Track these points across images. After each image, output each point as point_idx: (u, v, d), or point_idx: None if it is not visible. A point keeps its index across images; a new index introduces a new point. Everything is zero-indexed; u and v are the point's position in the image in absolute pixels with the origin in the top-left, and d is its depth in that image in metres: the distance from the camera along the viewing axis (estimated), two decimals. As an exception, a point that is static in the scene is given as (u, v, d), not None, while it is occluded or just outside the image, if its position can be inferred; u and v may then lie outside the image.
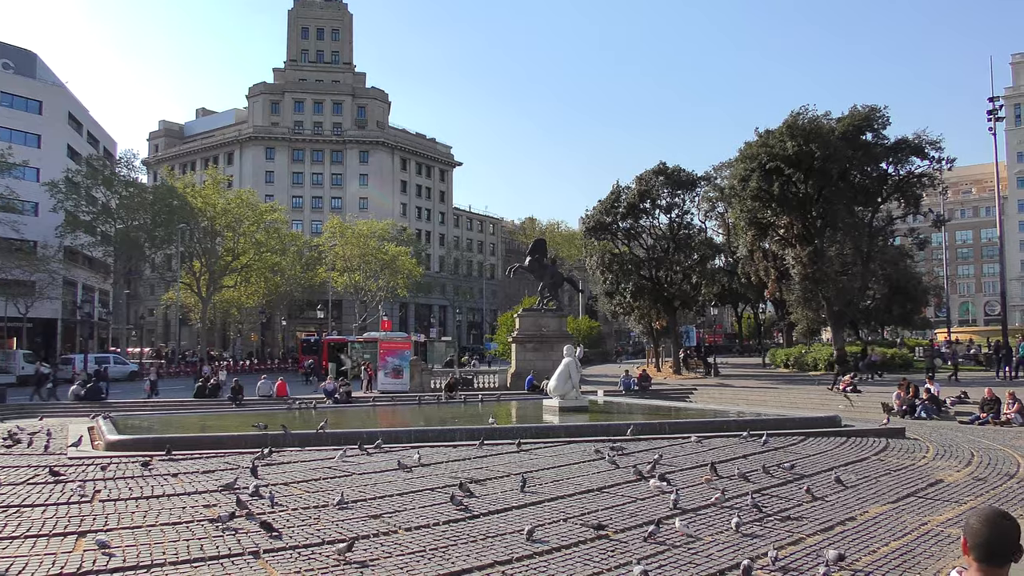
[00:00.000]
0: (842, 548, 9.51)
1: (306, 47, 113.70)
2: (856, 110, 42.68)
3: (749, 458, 16.46)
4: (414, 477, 14.38)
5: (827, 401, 30.90)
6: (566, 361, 27.36)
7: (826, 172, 40.51)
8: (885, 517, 11.41)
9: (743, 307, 77.49)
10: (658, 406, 30.07)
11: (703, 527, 10.66)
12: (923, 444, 19.05)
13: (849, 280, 42.77)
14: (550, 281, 44.17)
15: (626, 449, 17.41)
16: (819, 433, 20.33)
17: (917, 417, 25.77)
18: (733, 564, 8.94)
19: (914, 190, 43.55)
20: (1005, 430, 22.73)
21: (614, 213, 47.84)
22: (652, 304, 48.23)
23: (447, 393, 34.77)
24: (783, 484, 13.75)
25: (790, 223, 43.38)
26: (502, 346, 61.28)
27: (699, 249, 48.38)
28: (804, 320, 48.16)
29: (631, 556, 9.22)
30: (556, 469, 15.25)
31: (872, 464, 16.12)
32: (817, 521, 11.09)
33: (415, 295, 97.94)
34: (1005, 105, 72.88)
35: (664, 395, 36.48)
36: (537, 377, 35.79)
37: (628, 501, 12.24)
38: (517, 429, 21.18)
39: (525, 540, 9.82)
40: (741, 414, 24.70)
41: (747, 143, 43.68)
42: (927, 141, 42.35)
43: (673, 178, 47.38)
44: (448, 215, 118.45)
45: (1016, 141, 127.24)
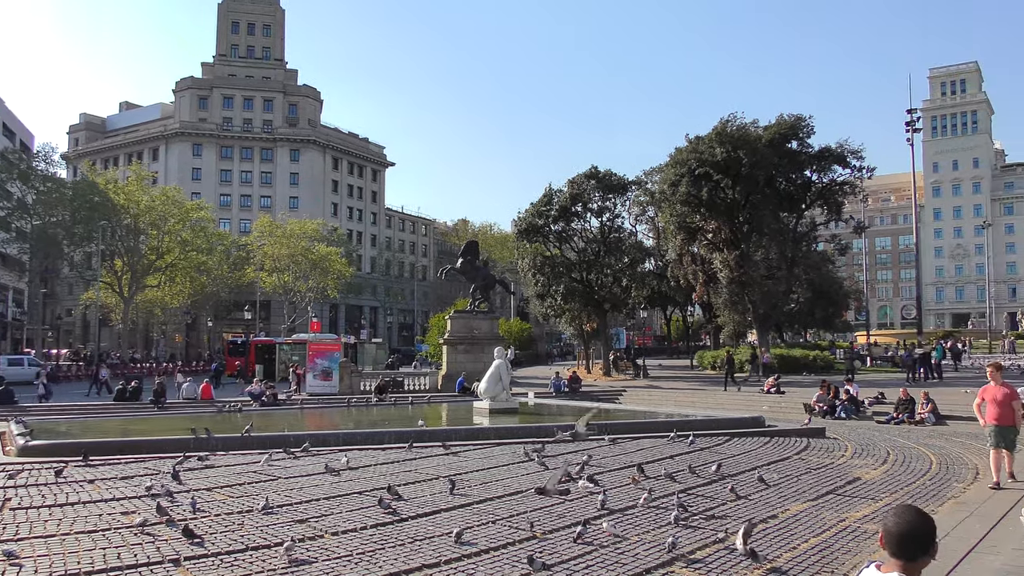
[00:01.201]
0: (760, 545, 9.72)
1: (236, 42, 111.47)
2: (783, 119, 43.90)
3: (676, 458, 16.70)
4: (342, 481, 14.18)
5: (752, 402, 31.56)
6: (497, 363, 27.38)
7: (753, 178, 41.51)
8: (805, 514, 11.70)
9: (672, 310, 78.83)
10: (588, 407, 30.26)
11: (630, 527, 10.76)
12: (842, 443, 19.61)
13: (774, 284, 43.91)
14: (482, 283, 44.16)
15: (548, 451, 17.47)
16: (744, 433, 20.74)
17: (837, 417, 26.51)
18: (659, 563, 9.06)
19: (836, 197, 44.98)
20: (919, 429, 23.55)
21: (546, 216, 48.09)
22: (583, 306, 48.63)
23: (377, 395, 34.43)
24: (708, 484, 13.98)
25: (718, 228, 44.30)
26: (433, 348, 60.97)
27: (629, 252, 48.97)
28: (731, 323, 49.25)
29: (559, 557, 9.25)
30: (486, 471, 15.22)
31: (794, 463, 16.52)
32: (741, 519, 11.28)
33: (346, 296, 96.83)
34: (922, 117, 76.06)
35: (594, 397, 36.76)
36: (468, 379, 35.71)
37: (557, 502, 12.29)
38: (447, 431, 21.10)
39: (454, 543, 9.76)
40: (669, 415, 25.05)
41: (677, 149, 44.52)
42: (849, 150, 43.82)
43: (605, 182, 47.88)
44: (380, 216, 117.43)
45: (932, 152, 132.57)
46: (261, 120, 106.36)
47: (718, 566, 8.98)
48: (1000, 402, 12.97)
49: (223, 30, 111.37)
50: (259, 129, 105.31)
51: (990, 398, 13.14)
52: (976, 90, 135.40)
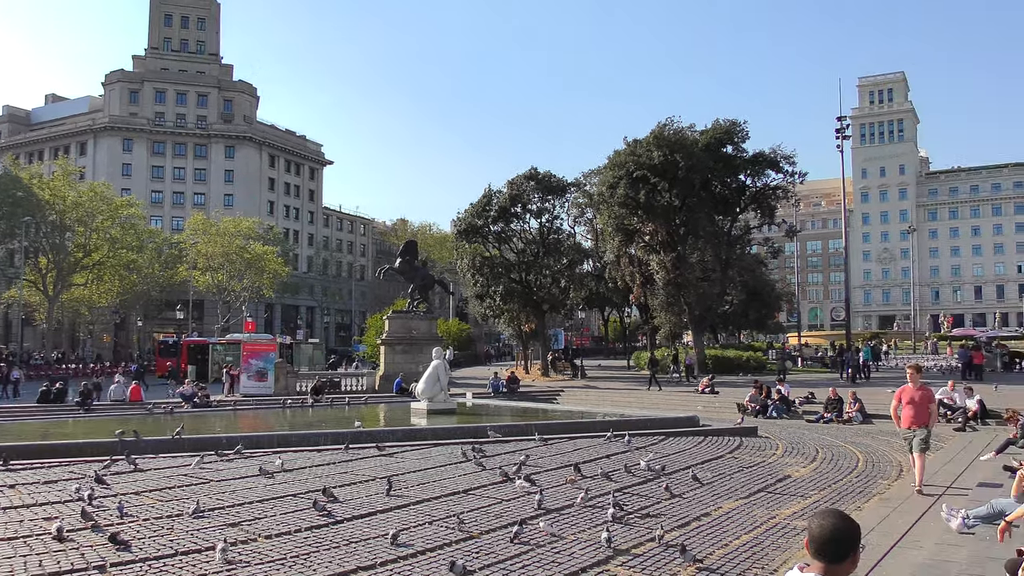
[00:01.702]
0: (693, 542, 9.88)
1: (169, 35, 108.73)
2: (718, 123, 44.66)
3: (612, 458, 16.87)
4: (276, 483, 13.97)
5: (687, 402, 32.04)
6: (435, 363, 27.29)
7: (689, 182, 42.13)
8: (737, 512, 11.93)
9: (610, 311, 79.54)
10: (526, 408, 30.40)
11: (567, 526, 10.83)
12: (774, 442, 20.05)
13: (709, 286, 44.66)
14: (421, 283, 43.95)
15: (486, 451, 17.48)
16: (679, 433, 21.06)
17: (769, 416, 27.09)
18: (595, 561, 9.13)
19: (769, 201, 45.92)
20: (847, 428, 24.23)
21: (486, 216, 48.08)
22: (522, 307, 48.74)
23: (313, 396, 33.98)
24: (644, 483, 14.16)
25: (655, 230, 44.83)
26: (371, 348, 60.42)
27: (568, 254, 49.24)
28: (667, 324, 49.89)
29: (496, 557, 9.26)
30: (423, 472, 15.16)
31: (727, 462, 16.83)
32: (675, 517, 11.47)
33: (282, 296, 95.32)
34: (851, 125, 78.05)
35: (532, 397, 36.89)
36: (406, 380, 35.50)
37: (494, 502, 12.30)
38: (384, 432, 20.94)
39: (390, 544, 9.70)
40: (606, 415, 25.28)
41: (616, 151, 44.90)
42: (782, 155, 44.79)
43: (544, 183, 48.07)
44: (318, 214, 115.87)
45: (861, 159, 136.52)
46: (195, 116, 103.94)
47: (652, 564, 9.09)
48: (917, 403, 12.75)
49: (155, 23, 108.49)
50: (193, 125, 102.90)
51: (907, 399, 12.87)
52: (903, 99, 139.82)
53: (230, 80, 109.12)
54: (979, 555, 8.34)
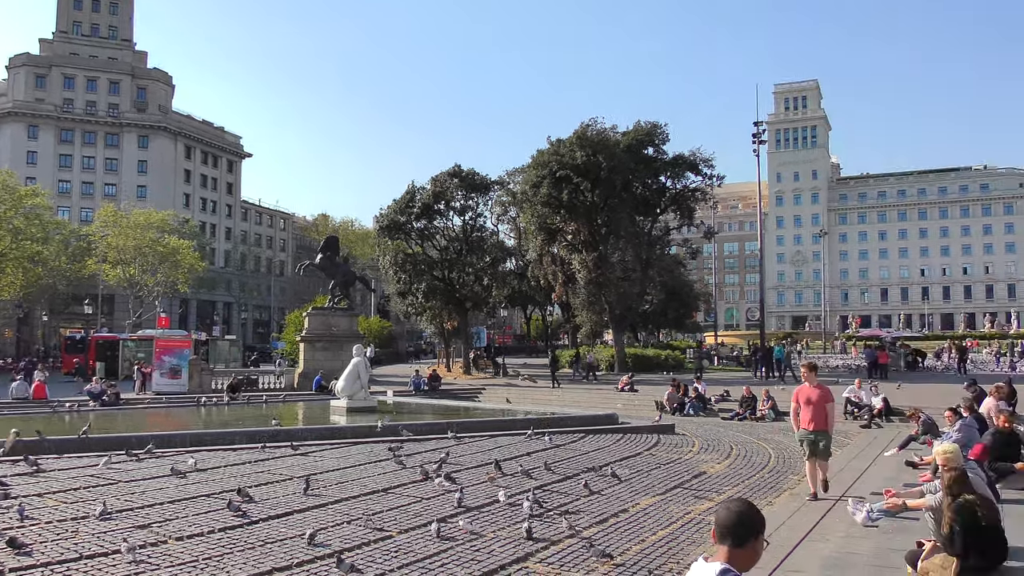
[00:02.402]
0: (611, 539, 9.99)
1: (79, 19, 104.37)
2: (640, 125, 45.33)
3: (533, 455, 16.95)
4: (188, 483, 13.58)
5: (607, 400, 32.43)
6: (355, 361, 26.98)
7: (611, 182, 42.66)
8: (654, 508, 12.12)
9: (532, 309, 79.94)
10: (447, 406, 30.31)
11: (487, 524, 10.83)
12: (690, 439, 20.47)
13: (630, 285, 45.35)
14: (342, 279, 43.38)
15: (406, 449, 17.36)
16: (598, 430, 21.31)
17: (686, 414, 27.63)
18: (515, 559, 9.15)
19: (689, 203, 46.89)
20: (760, 425, 24.89)
21: (409, 213, 47.74)
22: (444, 304, 48.58)
23: (229, 394, 33.17)
24: (563, 480, 14.26)
25: (577, 229, 45.26)
26: (290, 345, 59.29)
27: (491, 252, 49.27)
28: (588, 322, 50.44)
29: (414, 556, 9.19)
30: (342, 471, 14.96)
31: (645, 459, 17.11)
32: (593, 514, 11.58)
33: (197, 291, 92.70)
34: (767, 130, 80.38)
35: (454, 395, 36.81)
36: (326, 377, 34.97)
37: (414, 501, 12.22)
38: (302, 431, 20.60)
39: (307, 544, 9.53)
40: (527, 413, 25.40)
41: (539, 151, 45.14)
42: (701, 158, 45.79)
43: (467, 181, 47.99)
44: (236, 208, 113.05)
45: (776, 163, 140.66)
46: (106, 103, 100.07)
47: (571, 560, 9.16)
48: (815, 404, 11.86)
49: (64, 5, 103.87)
50: (104, 113, 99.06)
51: (803, 400, 12.01)
52: (816, 107, 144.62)
53: (144, 67, 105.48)
54: (882, 547, 8.67)
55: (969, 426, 12.45)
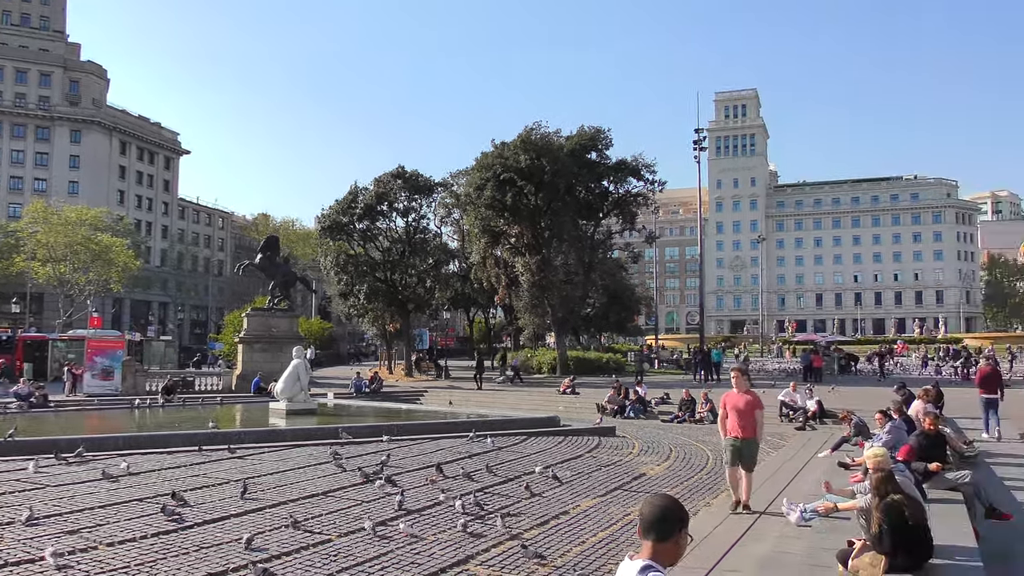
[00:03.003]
0: (551, 540, 10.04)
1: (8, 7, 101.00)
2: (584, 130, 45.62)
3: (474, 458, 16.95)
4: (121, 488, 13.25)
5: (549, 402, 32.55)
6: (295, 363, 26.64)
7: (555, 186, 42.87)
8: (595, 510, 12.22)
9: (475, 311, 79.75)
10: (389, 408, 30.11)
11: (427, 527, 10.80)
12: (630, 441, 20.68)
13: (572, 289, 45.60)
14: (282, 280, 42.75)
15: (347, 452, 17.21)
16: (540, 432, 21.40)
17: (627, 417, 27.87)
18: (455, 561, 9.14)
19: (631, 208, 47.35)
20: (699, 427, 25.24)
21: (351, 213, 47.28)
22: (386, 306, 48.21)
23: (165, 396, 32.40)
24: (505, 482, 14.29)
25: (521, 232, 45.36)
26: (228, 347, 58.18)
27: (434, 253, 49.08)
28: (531, 325, 50.54)
29: (355, 560, 9.12)
30: (280, 474, 14.77)
31: (586, 461, 17.23)
32: (534, 516, 11.63)
33: (132, 290, 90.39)
34: (708, 137, 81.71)
35: (395, 397, 36.56)
36: (265, 379, 34.41)
37: (354, 504, 12.12)
38: (240, 433, 20.24)
39: (243, 549, 9.37)
40: (469, 415, 25.37)
41: (483, 153, 45.16)
42: (643, 164, 46.26)
43: (411, 182, 47.72)
44: (173, 206, 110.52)
45: (717, 170, 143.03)
46: (36, 96, 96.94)
47: (511, 563, 9.18)
48: (742, 411, 11.10)
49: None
50: (35, 105, 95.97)
51: (731, 406, 11.25)
52: (755, 115, 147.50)
53: (77, 60, 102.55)
54: (815, 546, 8.87)
55: (898, 428, 12.81)
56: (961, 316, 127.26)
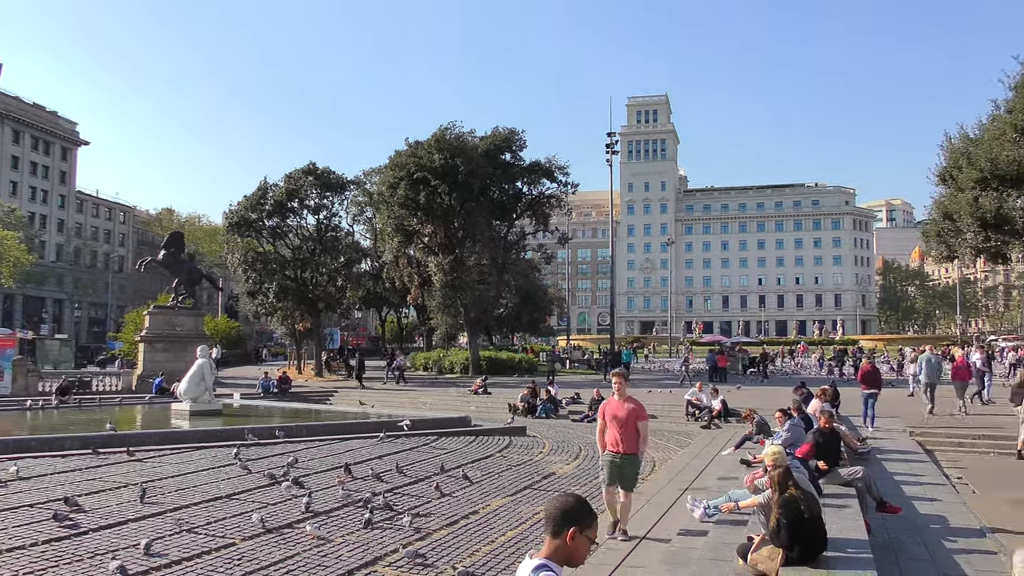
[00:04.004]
0: (460, 540, 10.02)
1: None
2: (498, 131, 45.76)
3: (385, 458, 16.79)
4: (10, 493, 12.63)
5: (461, 402, 32.53)
6: (199, 362, 25.91)
7: (469, 186, 42.89)
8: (504, 509, 12.26)
9: (387, 311, 79.16)
10: (298, 408, 29.58)
11: (335, 528, 10.64)
12: (541, 441, 20.84)
13: (486, 289, 45.70)
14: (187, 277, 41.51)
15: (253, 453, 16.83)
16: (452, 433, 21.36)
17: (538, 416, 28.05)
18: (363, 563, 9.03)
19: (544, 209, 47.73)
20: (608, 427, 25.63)
21: (260, 210, 46.27)
22: (296, 305, 47.39)
23: (59, 397, 31.00)
24: (415, 482, 14.21)
25: (434, 232, 45.21)
26: (128, 345, 56.07)
27: (346, 252, 48.47)
28: (444, 325, 50.40)
29: (259, 564, 8.91)
30: (182, 477, 14.32)
31: (496, 460, 17.28)
32: (444, 516, 11.59)
33: (24, 286, 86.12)
34: (620, 141, 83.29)
35: (305, 398, 35.93)
36: (168, 379, 33.33)
37: (259, 507, 11.83)
38: (140, 435, 19.58)
39: (142, 555, 9.05)
40: (380, 416, 25.14)
41: (397, 152, 44.79)
42: (556, 166, 46.72)
43: (323, 179, 47.00)
44: (70, 199, 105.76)
45: (628, 173, 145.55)
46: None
47: (420, 563, 9.12)
48: (623, 422, 9.60)
49: None
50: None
51: (610, 416, 9.74)
52: (666, 120, 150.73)
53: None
54: (717, 541, 9.11)
55: (797, 426, 13.26)
56: (858, 319, 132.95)
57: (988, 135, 28.94)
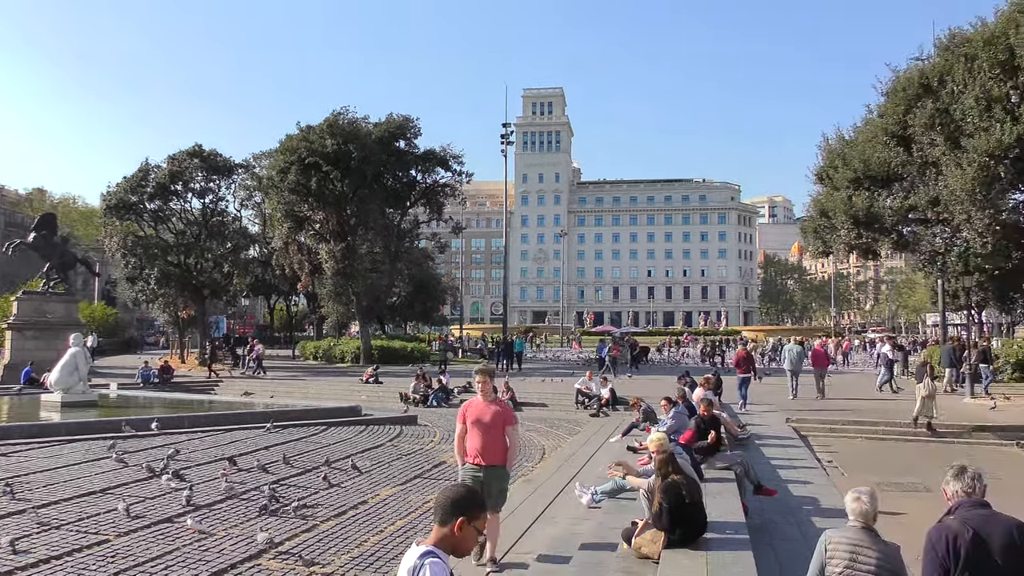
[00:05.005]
0: (349, 531, 9.89)
1: None
2: (392, 118, 45.22)
3: (271, 449, 16.41)
4: None
5: (352, 392, 32.09)
6: (73, 351, 24.63)
7: (362, 172, 42.28)
8: (394, 498, 12.18)
9: (277, 299, 77.29)
10: (180, 399, 28.53)
11: (218, 522, 10.33)
12: (432, 430, 20.79)
13: (378, 277, 45.18)
14: (59, 261, 39.36)
15: (131, 446, 16.16)
16: (341, 422, 21.06)
17: (429, 405, 27.97)
18: (247, 556, 8.79)
19: (438, 198, 47.51)
20: (500, 415, 25.79)
21: (141, 192, 44.38)
22: (180, 292, 45.74)
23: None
24: (303, 473, 13.94)
25: (326, 219, 44.41)
26: (-5, 334, 52.82)
27: (233, 237, 47.12)
28: (335, 314, 49.59)
29: (135, 560, 8.55)
30: (52, 472, 13.59)
31: (387, 450, 17.14)
32: (332, 507, 11.42)
33: None
34: (515, 132, 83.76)
35: (187, 388, 34.71)
36: (38, 369, 31.52)
37: (136, 501, 11.36)
38: (4, 428, 18.47)
39: (8, 553, 8.54)
40: (267, 406, 24.56)
41: (288, 136, 43.76)
42: (451, 155, 46.56)
43: (209, 162, 45.46)
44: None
45: (523, 165, 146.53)
46: None
47: (307, 555, 8.96)
48: (488, 428, 7.93)
49: None
50: None
51: (473, 420, 8.02)
52: (560, 113, 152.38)
53: None
54: (603, 526, 9.31)
55: (681, 413, 13.69)
56: (741, 310, 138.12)
57: (862, 137, 30.57)
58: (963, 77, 25.24)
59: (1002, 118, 23.67)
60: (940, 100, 26.20)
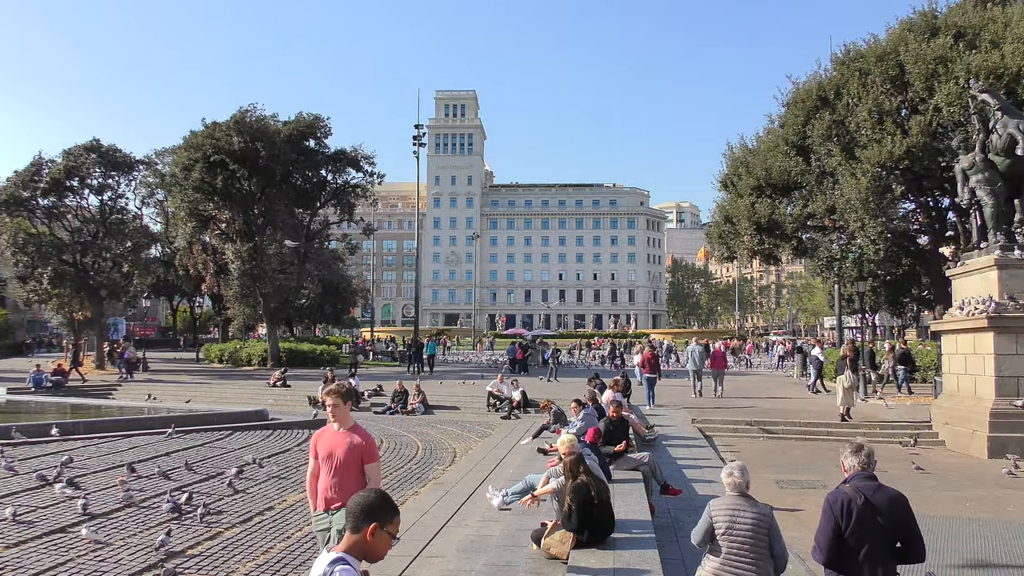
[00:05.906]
0: (255, 538, 9.68)
1: None
2: (302, 116, 44.46)
3: (173, 455, 15.90)
4: None
5: (258, 395, 31.40)
6: (-41, 354, 23.33)
7: (270, 171, 41.45)
8: (302, 504, 11.93)
9: (180, 300, 74.98)
10: (75, 404, 27.37)
11: (115, 531, 9.95)
12: (342, 433, 20.45)
13: (287, 279, 44.31)
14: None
15: (20, 453, 15.41)
16: (247, 427, 20.57)
17: (338, 409, 27.55)
18: (145, 567, 8.49)
19: (349, 199, 46.91)
20: (411, 418, 25.64)
21: (34, 188, 42.40)
22: (75, 292, 43.88)
23: None
24: (207, 479, 13.56)
25: (232, 218, 43.36)
26: None
27: (133, 236, 45.45)
28: (241, 316, 48.42)
29: (25, 572, 8.16)
30: (-68, 482, 12.83)
31: (295, 454, 16.82)
32: (237, 514, 11.14)
33: None
34: (428, 133, 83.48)
35: (83, 392, 33.30)
36: (-82, 373, 29.82)
37: (27, 511, 10.83)
38: None
39: None
40: (169, 410, 23.80)
41: (193, 132, 42.57)
42: (363, 155, 46.07)
43: (108, 157, 43.76)
44: None
45: (435, 167, 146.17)
46: None
47: (209, 564, 8.72)
48: (343, 463, 6.14)
49: None
50: None
51: (325, 454, 6.27)
52: (473, 116, 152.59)
53: None
54: (513, 527, 9.36)
55: (590, 415, 13.88)
56: (650, 313, 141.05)
57: (764, 146, 31.70)
58: (857, 91, 26.48)
59: (893, 131, 24.93)
60: (836, 112, 27.42)
